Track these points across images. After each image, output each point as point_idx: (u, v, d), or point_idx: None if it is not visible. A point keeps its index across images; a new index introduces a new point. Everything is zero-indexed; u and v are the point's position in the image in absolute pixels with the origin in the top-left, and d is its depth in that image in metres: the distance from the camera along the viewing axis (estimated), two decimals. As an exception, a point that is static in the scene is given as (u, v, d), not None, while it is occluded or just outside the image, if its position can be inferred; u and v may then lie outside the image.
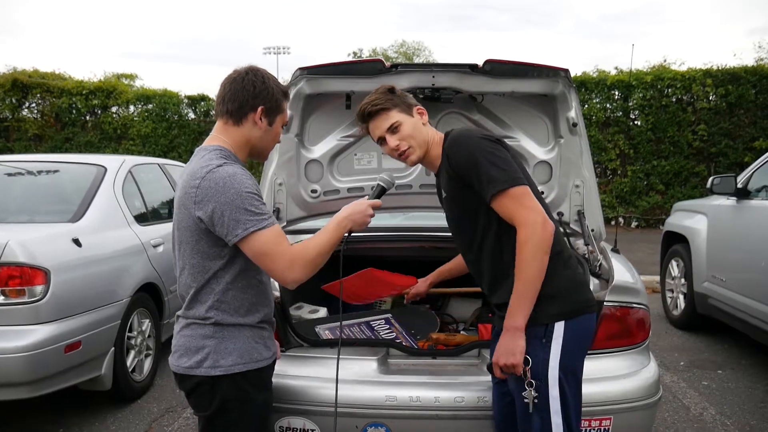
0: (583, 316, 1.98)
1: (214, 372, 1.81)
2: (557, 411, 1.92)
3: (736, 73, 12.43)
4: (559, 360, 1.91)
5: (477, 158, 1.92)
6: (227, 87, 1.88)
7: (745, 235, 4.57)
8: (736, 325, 4.69)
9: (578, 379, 2.00)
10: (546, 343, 1.92)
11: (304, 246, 1.82)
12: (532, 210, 1.89)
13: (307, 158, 3.14)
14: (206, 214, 1.74)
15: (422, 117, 2.13)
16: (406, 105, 2.11)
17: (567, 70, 2.73)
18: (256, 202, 1.75)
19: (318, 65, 2.78)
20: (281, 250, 1.76)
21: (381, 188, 2.11)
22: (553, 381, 1.91)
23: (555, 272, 1.94)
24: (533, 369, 1.92)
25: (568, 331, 1.92)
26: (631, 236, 10.89)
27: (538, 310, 1.92)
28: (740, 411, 3.85)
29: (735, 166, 12.13)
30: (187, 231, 1.81)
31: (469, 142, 1.98)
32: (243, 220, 1.72)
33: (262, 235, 1.73)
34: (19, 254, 3.15)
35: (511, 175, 1.91)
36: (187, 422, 3.66)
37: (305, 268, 1.79)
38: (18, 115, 14.34)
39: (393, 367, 2.48)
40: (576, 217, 3.07)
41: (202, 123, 14.18)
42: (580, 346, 1.99)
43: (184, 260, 1.85)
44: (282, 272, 1.77)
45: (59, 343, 3.23)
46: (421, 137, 2.09)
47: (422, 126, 2.12)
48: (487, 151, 1.93)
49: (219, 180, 1.73)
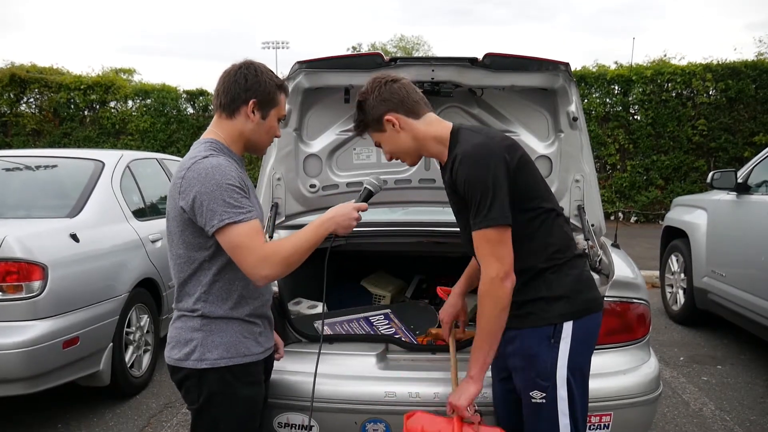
0: (592, 314, 1.97)
1: (200, 365, 1.82)
2: (565, 412, 1.91)
3: (736, 68, 12.41)
4: (568, 360, 1.90)
5: (477, 185, 1.83)
6: (222, 81, 1.89)
7: (745, 230, 4.56)
8: (736, 320, 4.69)
9: (585, 376, 1.99)
10: (554, 344, 1.90)
11: (280, 243, 1.81)
12: (498, 261, 1.83)
13: (306, 153, 3.12)
14: (188, 204, 1.75)
15: (394, 125, 1.97)
16: (374, 121, 1.99)
17: (567, 63, 2.71)
18: (236, 195, 1.74)
19: (316, 59, 2.76)
20: (254, 244, 1.74)
21: (368, 192, 2.08)
22: (561, 381, 1.90)
23: (562, 274, 1.93)
24: (541, 369, 1.91)
25: (576, 330, 1.91)
26: (630, 231, 10.89)
27: (546, 309, 1.91)
28: (740, 406, 3.85)
29: (734, 161, 12.12)
30: (174, 222, 1.83)
31: (479, 164, 1.84)
32: (220, 211, 1.72)
33: (237, 227, 1.73)
34: (17, 249, 3.13)
35: (497, 214, 1.81)
36: (185, 417, 3.65)
37: (278, 266, 1.77)
38: (16, 110, 14.31)
39: (392, 362, 2.46)
40: (576, 212, 3.05)
41: (201, 118, 14.15)
42: (588, 345, 1.98)
43: (171, 251, 1.87)
44: (252, 267, 1.75)
45: (57, 338, 3.22)
46: (401, 147, 2.01)
47: (397, 135, 1.98)
48: (490, 181, 1.81)
49: (202, 170, 1.74)
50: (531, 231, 1.93)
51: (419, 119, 1.99)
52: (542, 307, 1.92)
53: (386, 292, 3.49)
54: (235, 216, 1.72)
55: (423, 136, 1.99)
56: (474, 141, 1.89)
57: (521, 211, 1.90)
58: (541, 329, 1.92)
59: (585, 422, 2.01)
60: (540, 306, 1.92)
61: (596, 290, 2.07)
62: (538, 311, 1.92)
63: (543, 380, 1.91)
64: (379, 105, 1.97)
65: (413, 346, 2.56)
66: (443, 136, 1.98)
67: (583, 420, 1.99)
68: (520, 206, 1.89)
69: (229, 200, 1.72)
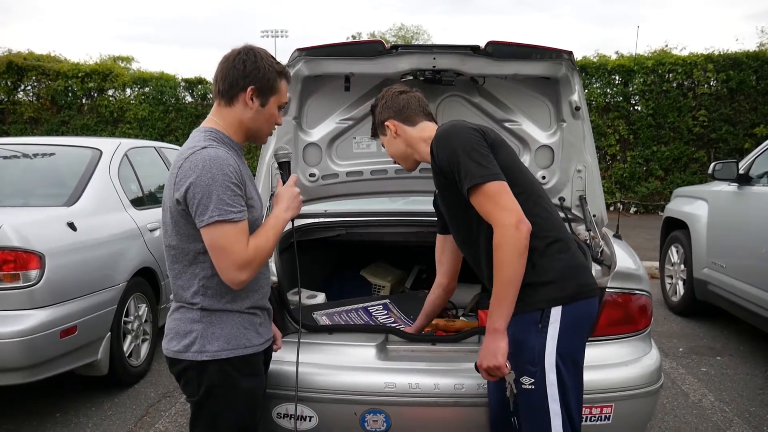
0: (582, 301, 1.94)
1: (200, 357, 1.80)
2: (555, 398, 1.88)
3: (737, 59, 12.38)
4: (557, 345, 1.88)
5: (457, 152, 1.90)
6: (220, 67, 1.85)
7: (746, 221, 4.55)
8: (736, 311, 4.68)
9: (578, 365, 1.96)
10: (542, 329, 1.89)
11: (255, 248, 1.76)
12: (505, 210, 1.83)
13: (306, 141, 3.09)
14: (181, 195, 1.71)
15: (391, 131, 2.17)
16: (379, 125, 2.22)
17: (570, 52, 2.68)
18: (229, 192, 1.69)
19: (316, 46, 2.73)
20: (236, 248, 1.70)
21: (283, 164, 2.09)
22: (550, 367, 1.88)
23: (550, 258, 1.91)
24: (529, 355, 1.89)
25: (565, 315, 1.89)
26: (630, 222, 10.88)
27: (533, 295, 1.89)
28: (739, 397, 3.85)
29: (735, 152, 12.12)
30: (168, 212, 1.79)
31: (451, 136, 1.95)
32: (211, 207, 1.67)
33: (224, 227, 1.68)
34: (13, 238, 3.11)
35: (488, 170, 1.86)
36: (184, 407, 3.64)
37: (254, 271, 1.77)
38: (13, 97, 14.26)
39: (392, 353, 2.45)
40: (578, 202, 3.03)
41: (200, 106, 14.10)
42: (579, 332, 1.95)
43: (165, 241, 1.84)
44: (230, 271, 1.72)
45: (55, 328, 3.19)
46: (397, 152, 2.21)
47: (393, 140, 2.18)
48: (469, 145, 1.90)
49: (199, 162, 1.70)
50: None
51: (413, 126, 2.16)
52: (529, 293, 1.89)
53: (386, 282, 3.48)
54: (225, 214, 1.68)
55: (414, 141, 2.15)
56: (443, 126, 2.03)
57: None
58: (529, 315, 1.90)
59: (580, 412, 1.97)
60: (527, 292, 1.89)
61: (589, 276, 2.03)
62: (525, 297, 1.89)
63: (532, 366, 1.89)
64: (383, 111, 2.20)
65: (413, 337, 2.54)
66: (431, 137, 2.06)
67: (578, 409, 1.96)
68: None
69: (222, 197, 1.68)
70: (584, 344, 1.99)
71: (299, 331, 2.26)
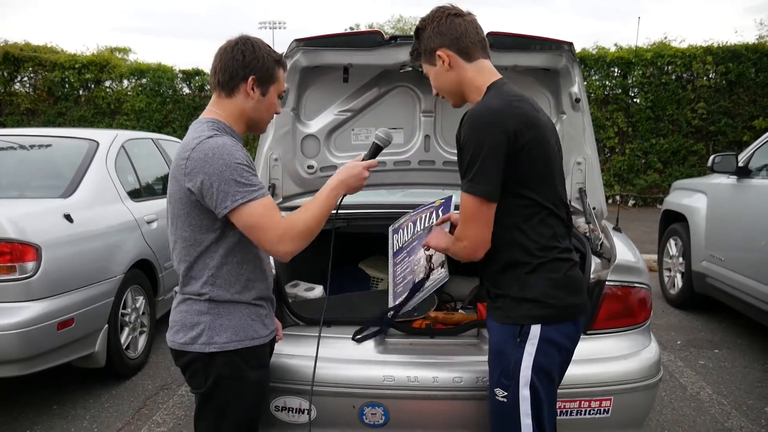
0: (564, 323, 1.86)
1: (208, 348, 1.79)
2: (527, 413, 1.84)
3: (736, 51, 12.35)
4: (533, 361, 1.83)
5: (474, 147, 1.74)
6: (218, 58, 1.84)
7: (745, 214, 4.54)
8: (734, 304, 4.68)
9: (553, 380, 1.90)
10: (520, 343, 1.83)
11: (296, 217, 1.79)
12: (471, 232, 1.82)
13: (304, 133, 3.07)
14: (195, 186, 1.70)
15: (444, 62, 1.86)
16: (428, 52, 1.89)
17: (571, 43, 2.66)
18: (245, 173, 1.70)
19: (315, 37, 2.71)
20: (272, 222, 1.72)
21: (376, 147, 2.00)
22: (524, 381, 1.83)
23: (538, 276, 1.83)
24: (505, 366, 1.85)
25: (544, 333, 1.83)
26: (628, 215, 10.88)
27: (514, 308, 1.84)
28: (737, 390, 3.85)
29: (734, 144, 12.11)
30: (179, 203, 1.77)
31: (479, 127, 1.75)
32: (232, 192, 1.68)
33: (251, 206, 1.69)
34: (10, 230, 3.09)
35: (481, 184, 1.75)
36: (182, 399, 3.64)
37: (297, 240, 1.75)
38: (10, 89, 14.19)
39: (391, 346, 2.44)
40: (577, 194, 3.02)
41: (197, 98, 14.05)
42: (557, 348, 1.88)
43: (176, 234, 1.82)
44: (273, 245, 1.73)
45: (52, 320, 3.18)
46: (446, 86, 1.91)
47: (445, 72, 1.88)
48: (487, 148, 1.73)
49: (208, 151, 1.69)
50: (516, 220, 1.82)
51: (471, 63, 1.87)
52: (510, 305, 1.85)
53: (384, 275, 3.46)
54: (248, 195, 1.69)
55: (468, 83, 1.88)
56: (490, 103, 1.79)
57: (513, 195, 1.80)
58: (509, 327, 1.85)
59: (553, 426, 1.93)
60: (508, 303, 1.85)
61: (577, 296, 1.89)
62: (505, 308, 1.86)
63: (505, 379, 1.85)
64: (434, 37, 1.87)
65: (412, 330, 2.53)
66: (482, 89, 1.86)
67: (551, 422, 1.92)
68: (513, 189, 1.79)
69: (240, 179, 1.68)
70: (559, 359, 1.91)
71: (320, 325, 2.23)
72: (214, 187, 1.68)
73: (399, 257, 2.73)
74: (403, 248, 2.74)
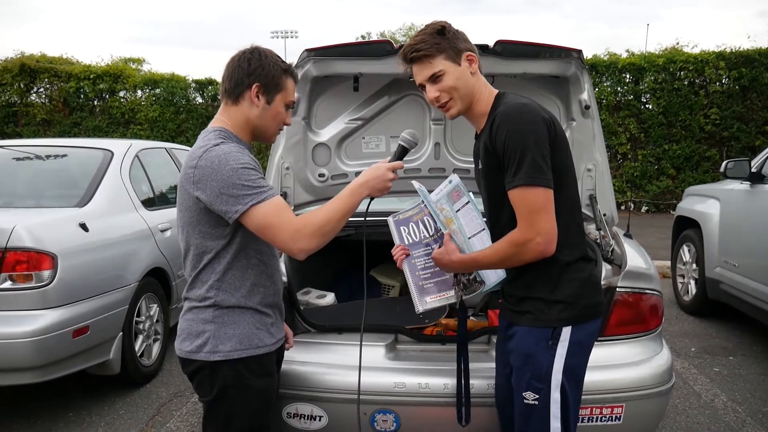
0: (591, 321, 1.89)
1: (213, 357, 1.81)
2: (557, 415, 1.85)
3: (749, 56, 12.26)
4: (564, 364, 1.84)
5: (525, 142, 1.72)
6: (227, 67, 1.87)
7: (759, 220, 4.50)
8: (749, 310, 4.64)
9: (579, 380, 1.92)
10: (552, 346, 1.84)
11: (312, 214, 1.78)
12: (529, 226, 1.74)
13: (315, 142, 3.10)
14: (204, 194, 1.72)
15: (471, 65, 1.86)
16: (454, 50, 1.84)
17: (580, 50, 2.67)
18: (252, 176, 1.72)
19: (325, 47, 2.74)
20: (284, 220, 1.72)
21: (402, 149, 1.95)
22: (556, 384, 1.85)
23: (570, 276, 1.84)
24: (537, 371, 1.85)
25: (574, 334, 1.84)
26: (641, 221, 10.81)
27: (546, 312, 1.84)
28: (752, 398, 3.82)
29: (747, 150, 12.00)
30: (188, 212, 1.80)
31: (524, 121, 1.74)
32: (241, 195, 1.69)
33: (262, 207, 1.71)
34: (26, 239, 3.14)
35: (544, 174, 1.74)
36: (195, 407, 3.66)
37: (313, 237, 1.74)
38: (26, 99, 14.38)
39: (401, 353, 2.45)
40: (588, 201, 3.02)
41: (210, 107, 14.15)
42: (585, 349, 1.92)
43: (187, 241, 1.84)
44: (286, 243, 1.73)
45: (67, 328, 3.22)
46: (465, 89, 1.86)
47: (470, 76, 1.86)
48: (540, 139, 1.73)
49: (215, 158, 1.72)
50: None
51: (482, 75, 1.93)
52: (540, 308, 1.85)
53: (395, 281, 3.48)
54: (257, 197, 1.70)
55: (481, 90, 1.89)
56: (517, 101, 1.81)
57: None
58: (540, 330, 1.85)
59: (576, 425, 1.95)
60: (538, 306, 1.85)
61: (599, 295, 1.95)
62: (536, 311, 1.86)
63: (537, 382, 1.85)
64: (461, 40, 1.87)
65: (423, 337, 2.54)
66: (490, 99, 1.89)
67: (575, 423, 1.93)
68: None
69: (247, 183, 1.70)
70: (587, 360, 1.94)
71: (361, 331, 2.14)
72: (224, 193, 1.70)
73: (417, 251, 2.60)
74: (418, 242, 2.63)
